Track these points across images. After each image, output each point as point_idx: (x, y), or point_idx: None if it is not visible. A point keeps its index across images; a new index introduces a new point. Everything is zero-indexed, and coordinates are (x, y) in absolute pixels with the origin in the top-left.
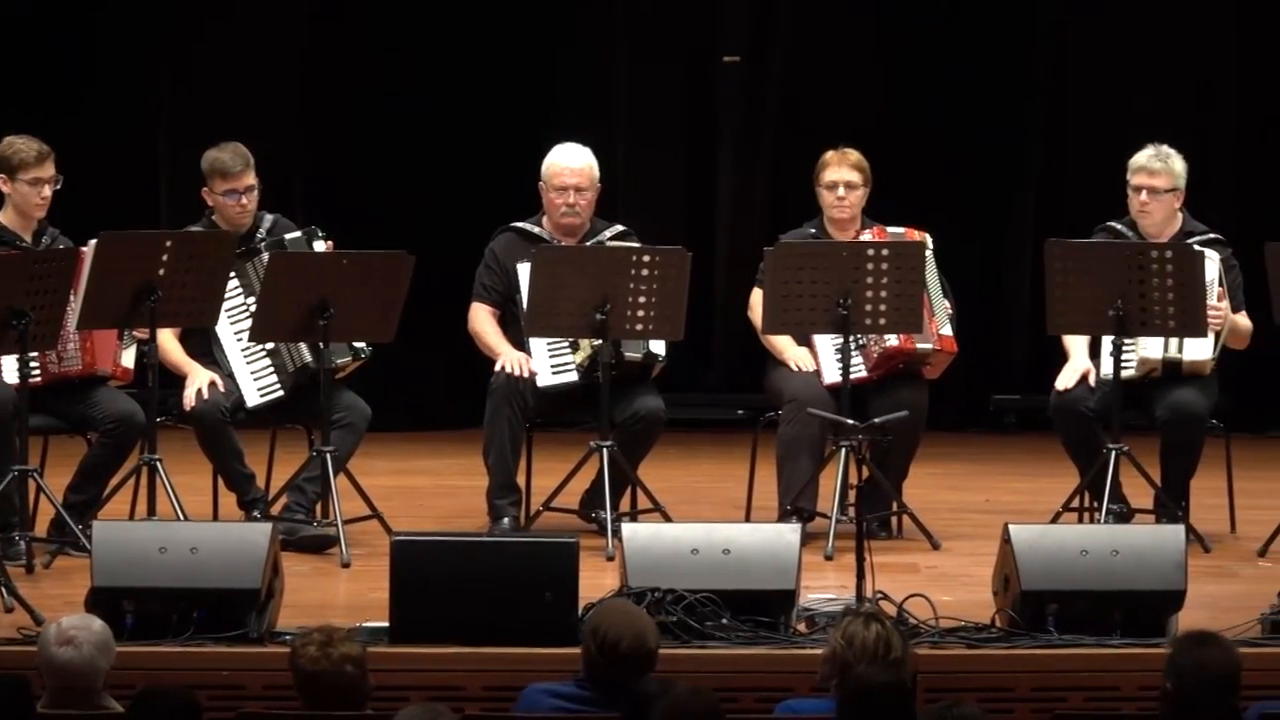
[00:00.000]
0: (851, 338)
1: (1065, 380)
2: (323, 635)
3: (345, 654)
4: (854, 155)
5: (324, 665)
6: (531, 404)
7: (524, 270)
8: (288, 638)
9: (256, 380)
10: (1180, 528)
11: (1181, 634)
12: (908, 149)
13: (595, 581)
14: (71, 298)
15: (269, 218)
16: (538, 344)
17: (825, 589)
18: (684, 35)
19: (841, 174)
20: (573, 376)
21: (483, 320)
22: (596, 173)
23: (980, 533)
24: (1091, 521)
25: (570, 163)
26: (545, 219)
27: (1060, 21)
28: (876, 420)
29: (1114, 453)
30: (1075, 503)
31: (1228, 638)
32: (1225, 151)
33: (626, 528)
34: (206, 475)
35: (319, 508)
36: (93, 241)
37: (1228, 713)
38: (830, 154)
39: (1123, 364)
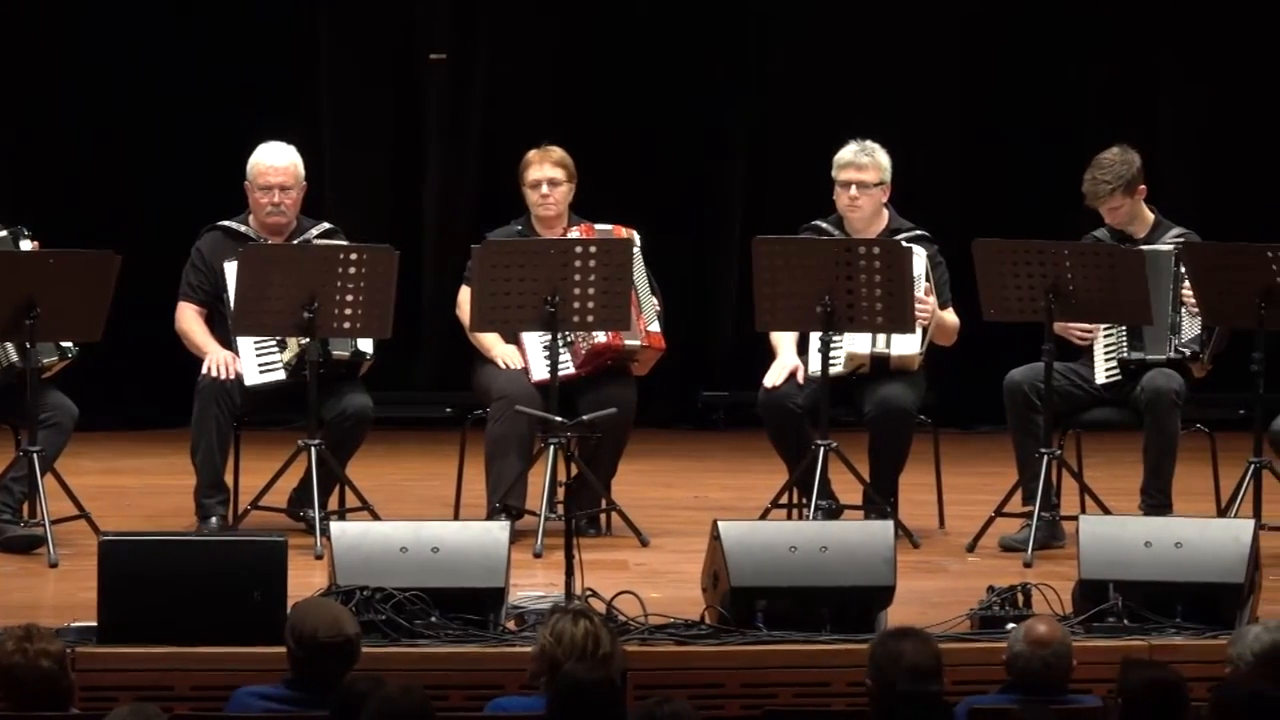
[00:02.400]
0: (559, 335)
1: (773, 378)
2: (21, 631)
3: (43, 649)
4: (557, 152)
5: (19, 659)
6: (239, 403)
7: (231, 269)
8: None
9: None
10: (889, 523)
11: (880, 632)
12: (615, 146)
13: (304, 580)
14: None
15: None
16: (245, 343)
17: (534, 586)
18: (389, 32)
19: (544, 171)
20: (280, 375)
21: (189, 319)
22: (301, 171)
23: (689, 529)
24: (800, 518)
25: (274, 161)
26: (251, 218)
27: (767, 18)
28: (585, 417)
29: (822, 449)
30: (784, 499)
31: (925, 630)
32: (935, 148)
33: (335, 526)
34: None
35: (26, 507)
36: None
37: (931, 704)
38: (532, 153)
39: (831, 360)
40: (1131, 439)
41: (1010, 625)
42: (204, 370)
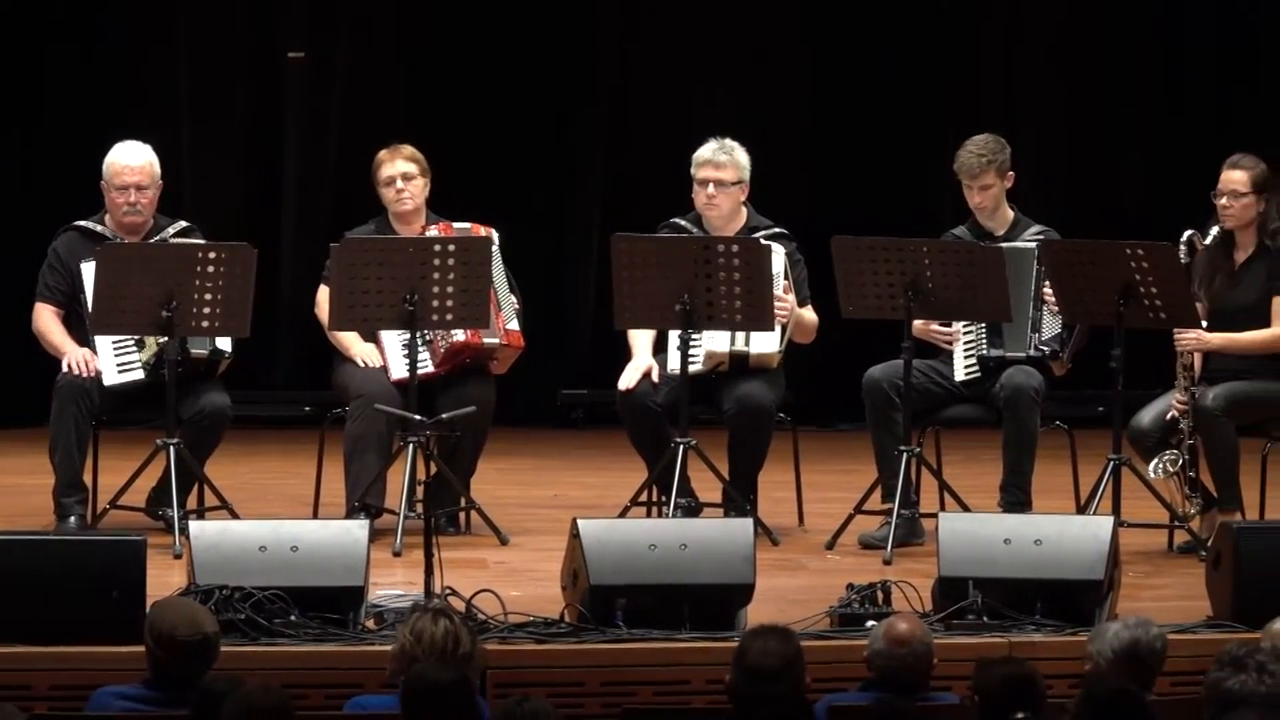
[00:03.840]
0: (418, 333)
1: (626, 380)
2: None
3: None
4: (407, 149)
5: None
6: (98, 402)
7: (88, 269)
8: None
9: None
10: (749, 521)
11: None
12: (474, 144)
13: (163, 579)
14: None
15: None
16: (103, 342)
17: (394, 585)
18: (247, 31)
19: (397, 168)
20: (139, 374)
21: (47, 320)
22: (158, 170)
23: (549, 528)
24: (660, 515)
25: (130, 161)
26: (108, 217)
27: (626, 16)
28: (444, 416)
29: (682, 446)
30: (643, 497)
31: (789, 628)
32: (793, 148)
33: (194, 525)
34: None
35: None
36: None
37: (790, 702)
38: (383, 152)
39: (690, 358)
40: (991, 436)
41: (870, 623)
42: (64, 369)
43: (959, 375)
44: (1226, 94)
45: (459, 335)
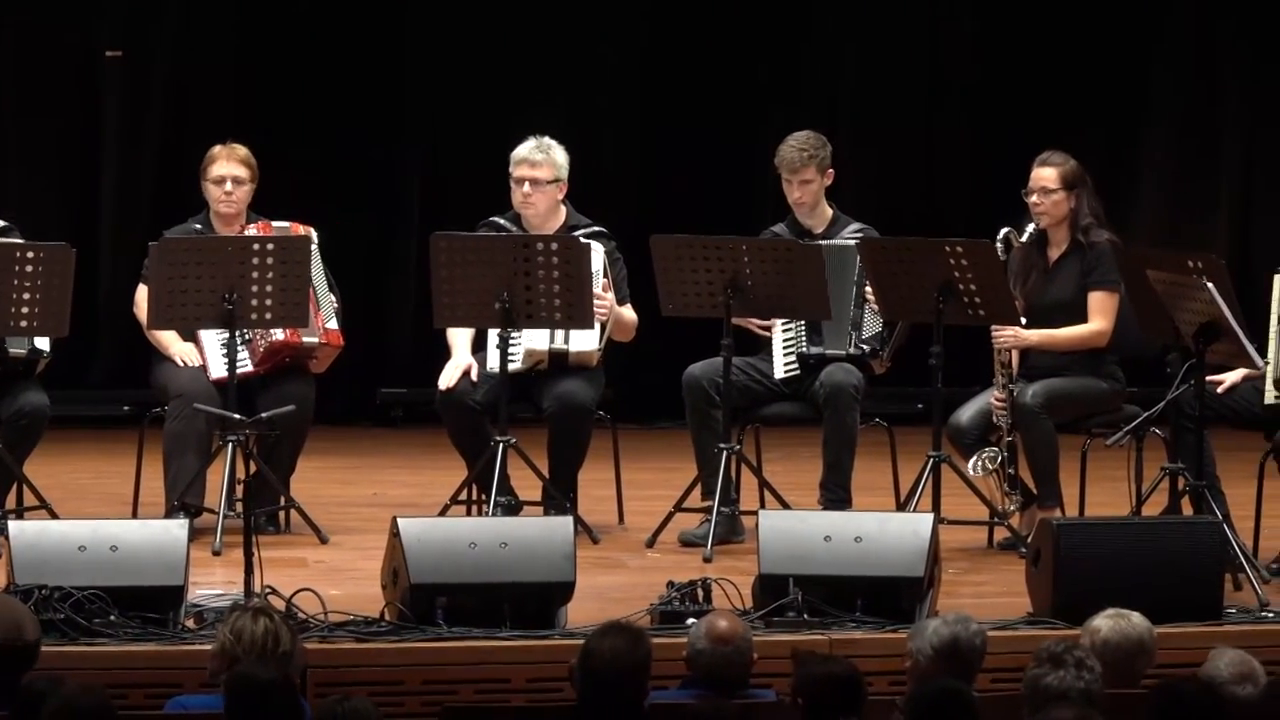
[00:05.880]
0: (237, 332)
1: (446, 379)
2: None
3: None
4: (241, 151)
5: None
6: None
7: None
8: None
9: None
10: (569, 519)
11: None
12: (293, 142)
13: None
14: None
15: None
16: None
17: (213, 584)
18: (66, 29)
19: (229, 169)
20: None
21: None
22: None
23: (369, 526)
24: (480, 514)
25: None
26: None
27: (445, 11)
28: (263, 415)
29: (501, 445)
30: (463, 495)
31: (641, 630)
32: (615, 145)
33: (13, 525)
34: None
35: None
36: None
37: (630, 706)
38: (218, 148)
39: (509, 356)
40: (811, 433)
41: (690, 620)
42: None
43: (779, 373)
44: (1042, 90)
45: (278, 334)
